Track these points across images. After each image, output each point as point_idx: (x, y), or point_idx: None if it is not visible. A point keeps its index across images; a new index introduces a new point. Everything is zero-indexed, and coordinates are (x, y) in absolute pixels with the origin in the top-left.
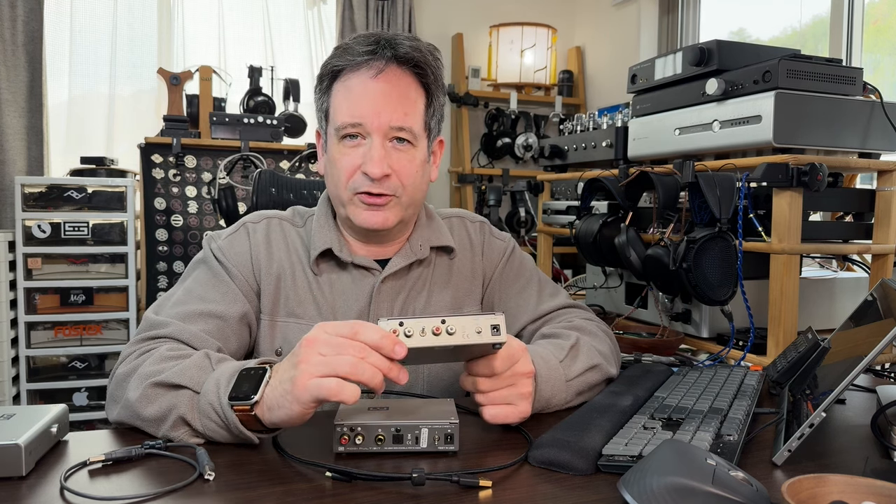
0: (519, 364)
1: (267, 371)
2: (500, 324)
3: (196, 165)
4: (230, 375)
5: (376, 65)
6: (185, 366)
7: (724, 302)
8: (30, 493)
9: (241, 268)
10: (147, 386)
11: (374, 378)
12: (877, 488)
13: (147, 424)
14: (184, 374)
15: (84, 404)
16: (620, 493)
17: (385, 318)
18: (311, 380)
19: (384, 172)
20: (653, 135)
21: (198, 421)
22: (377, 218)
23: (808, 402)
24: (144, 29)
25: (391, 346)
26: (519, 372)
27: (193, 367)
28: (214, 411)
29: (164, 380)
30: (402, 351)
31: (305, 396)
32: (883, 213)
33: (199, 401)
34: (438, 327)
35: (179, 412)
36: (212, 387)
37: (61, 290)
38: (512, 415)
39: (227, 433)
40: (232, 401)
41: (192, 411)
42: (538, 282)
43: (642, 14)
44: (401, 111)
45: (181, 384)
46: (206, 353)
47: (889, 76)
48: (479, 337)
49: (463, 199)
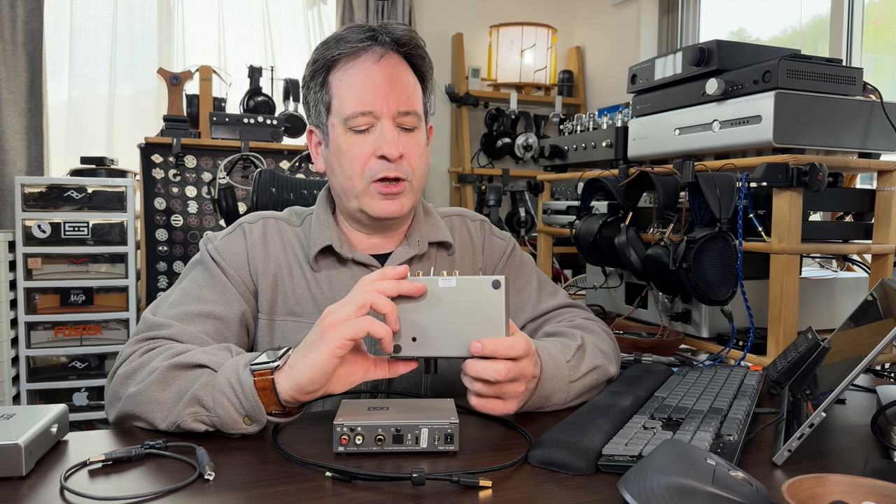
0: (521, 364)
1: (290, 349)
2: (501, 281)
3: (196, 165)
4: (253, 356)
5: (378, 50)
6: (207, 349)
7: (724, 302)
8: (30, 493)
9: (237, 268)
10: (165, 368)
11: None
12: (877, 488)
13: (158, 408)
14: (205, 354)
15: (84, 404)
16: (620, 493)
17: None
18: (344, 322)
19: (400, 153)
20: (653, 135)
21: (209, 397)
22: (395, 206)
23: (808, 402)
24: (144, 29)
25: (393, 273)
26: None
27: (215, 350)
28: (229, 383)
29: (186, 360)
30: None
31: (337, 336)
32: (883, 213)
33: (216, 378)
34: (441, 274)
35: (194, 390)
36: (231, 364)
37: (61, 290)
38: (497, 409)
39: (236, 408)
40: (252, 366)
41: (206, 387)
42: (538, 280)
43: (642, 14)
44: (405, 95)
45: (201, 363)
46: (227, 346)
47: (889, 76)
48: (477, 279)
49: (463, 199)
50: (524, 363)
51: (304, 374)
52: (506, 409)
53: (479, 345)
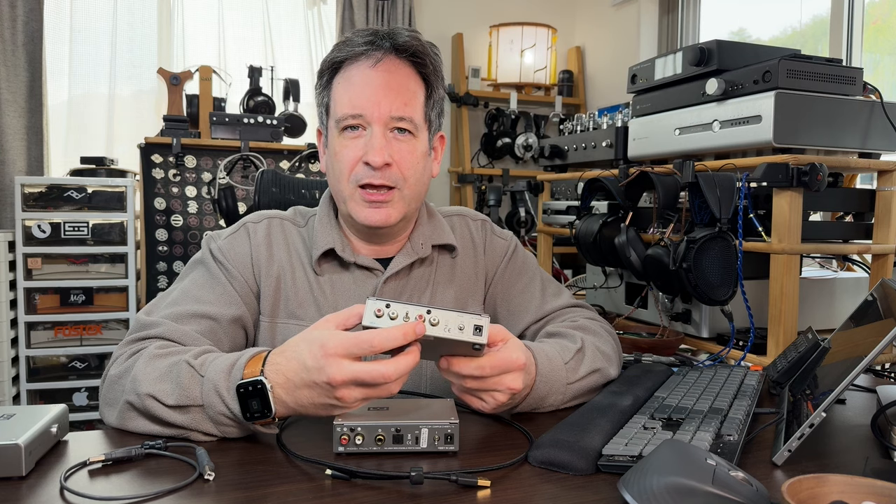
0: (509, 377)
1: (264, 385)
2: (483, 325)
3: (196, 165)
4: (227, 387)
5: (375, 54)
6: (179, 382)
7: (724, 302)
8: (30, 493)
9: (240, 269)
10: (153, 356)
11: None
12: (877, 488)
13: (159, 383)
14: (181, 392)
15: (84, 404)
16: (620, 493)
17: (373, 297)
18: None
19: (385, 161)
20: (653, 135)
21: (215, 429)
22: (379, 215)
23: (808, 402)
24: (144, 29)
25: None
26: (506, 383)
27: (186, 379)
28: (228, 419)
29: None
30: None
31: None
32: (883, 213)
33: (208, 412)
34: (422, 315)
35: (201, 428)
36: (216, 399)
37: (61, 290)
38: (479, 406)
39: (242, 431)
40: (251, 420)
41: (206, 422)
42: (541, 281)
43: (642, 14)
44: (400, 101)
45: (187, 405)
46: (187, 362)
47: (889, 76)
48: (459, 333)
49: (463, 199)
50: (512, 359)
51: (303, 411)
52: (486, 410)
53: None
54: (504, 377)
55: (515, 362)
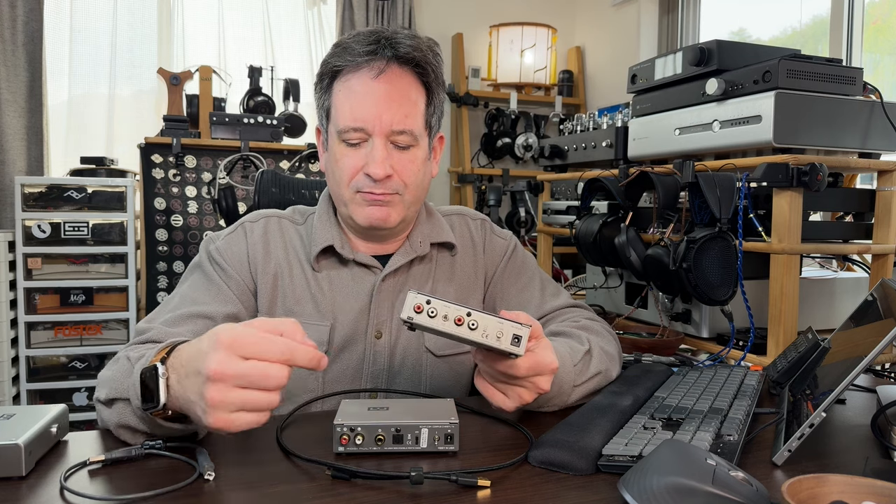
0: (541, 379)
1: (158, 371)
2: (522, 336)
3: (196, 165)
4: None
5: (377, 65)
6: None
7: (724, 302)
8: (30, 493)
9: (237, 268)
10: (99, 405)
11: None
12: (877, 488)
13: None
14: (114, 385)
15: (84, 404)
16: (620, 493)
17: (415, 291)
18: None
19: (386, 174)
20: (653, 135)
21: (142, 424)
22: (380, 214)
23: (808, 402)
24: (144, 29)
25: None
26: (537, 384)
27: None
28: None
29: (103, 397)
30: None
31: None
32: (883, 213)
33: (133, 404)
34: (462, 318)
35: (127, 422)
36: (133, 390)
37: (61, 290)
38: (501, 403)
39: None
40: (147, 411)
41: (130, 416)
42: (540, 280)
43: (642, 14)
44: (402, 113)
45: (114, 398)
46: (127, 356)
47: (889, 76)
48: (497, 342)
49: (463, 199)
50: (546, 363)
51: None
52: (507, 407)
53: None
54: (537, 378)
55: (549, 365)
